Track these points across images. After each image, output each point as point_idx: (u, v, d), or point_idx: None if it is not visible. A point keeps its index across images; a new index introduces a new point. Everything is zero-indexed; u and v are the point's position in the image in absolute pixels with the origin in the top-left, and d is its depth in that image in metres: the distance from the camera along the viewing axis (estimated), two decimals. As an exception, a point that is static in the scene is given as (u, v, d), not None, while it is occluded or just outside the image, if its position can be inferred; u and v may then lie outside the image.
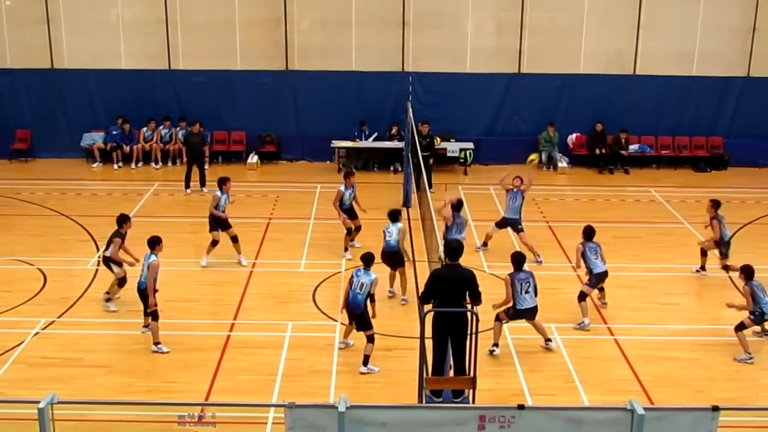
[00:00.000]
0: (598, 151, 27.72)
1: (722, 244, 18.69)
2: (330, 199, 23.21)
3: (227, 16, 27.47)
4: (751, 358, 15.17)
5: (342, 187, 19.94)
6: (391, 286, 17.66)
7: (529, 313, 15.22)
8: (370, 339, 14.67)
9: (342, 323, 15.79)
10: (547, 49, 27.91)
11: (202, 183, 24.48)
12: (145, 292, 15.17)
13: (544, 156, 27.88)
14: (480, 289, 12.36)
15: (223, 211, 18.81)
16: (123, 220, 17.02)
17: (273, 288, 17.95)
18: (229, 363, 14.82)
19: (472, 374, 11.96)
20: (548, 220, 22.62)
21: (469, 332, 12.04)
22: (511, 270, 15.17)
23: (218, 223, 18.74)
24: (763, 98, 28.11)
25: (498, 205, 23.49)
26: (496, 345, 15.29)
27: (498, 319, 15.29)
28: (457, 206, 18.14)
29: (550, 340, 15.48)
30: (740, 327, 15.32)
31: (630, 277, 18.82)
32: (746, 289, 15.33)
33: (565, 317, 16.56)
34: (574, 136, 28.35)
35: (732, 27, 27.96)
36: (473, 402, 11.92)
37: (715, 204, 18.83)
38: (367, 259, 14.96)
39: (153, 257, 15.30)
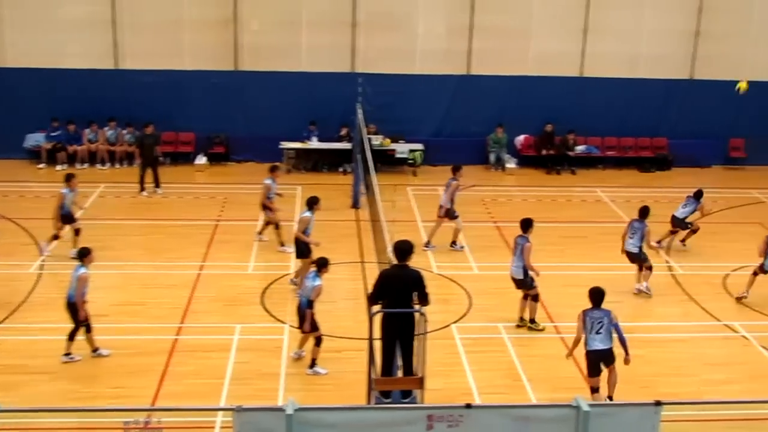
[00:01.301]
0: (545, 152, 27.99)
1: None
2: (280, 200, 23.22)
3: (176, 16, 27.24)
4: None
5: (269, 181, 20.09)
6: (296, 276, 17.73)
7: (603, 356, 13.53)
8: (317, 341, 14.66)
9: (292, 326, 15.76)
10: (497, 51, 28.09)
11: (157, 184, 24.29)
12: (74, 306, 14.73)
13: (492, 157, 28.07)
14: (428, 289, 12.41)
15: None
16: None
17: (221, 290, 17.85)
18: (177, 367, 14.71)
19: (420, 374, 12.02)
20: (496, 221, 22.78)
21: (417, 332, 12.10)
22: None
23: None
24: (706, 100, 28.62)
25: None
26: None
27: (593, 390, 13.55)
28: None
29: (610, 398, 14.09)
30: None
31: (576, 276, 18.98)
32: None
33: (513, 316, 16.67)
34: (522, 137, 28.59)
35: (676, 31, 28.44)
36: (422, 402, 11.97)
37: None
38: (319, 264, 14.95)
39: (83, 269, 14.83)
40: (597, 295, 13.71)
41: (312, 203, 17.63)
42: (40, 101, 27.22)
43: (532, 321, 16.48)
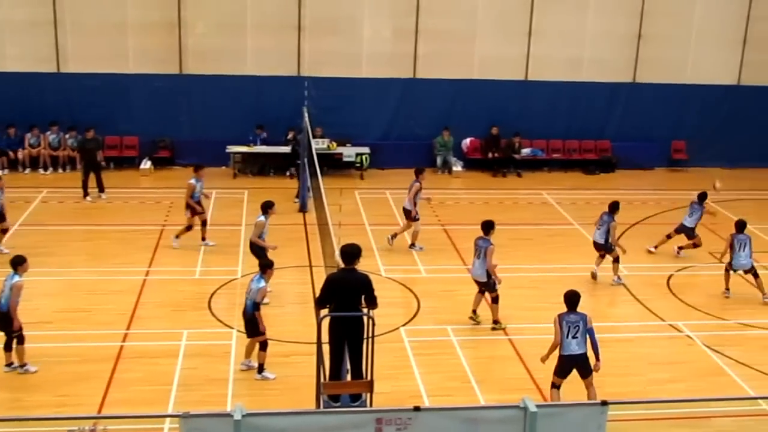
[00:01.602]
0: (491, 155, 28.18)
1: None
2: (227, 204, 23.17)
3: (119, 18, 26.91)
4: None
5: (193, 180, 20.24)
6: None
7: (578, 361, 13.49)
8: (262, 346, 14.59)
9: (240, 331, 15.67)
10: (442, 55, 28.23)
11: (101, 189, 24.03)
12: (7, 316, 14.30)
13: (439, 160, 28.19)
14: (376, 293, 12.42)
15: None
16: None
17: (168, 296, 17.68)
18: (123, 374, 14.54)
19: (369, 378, 12.03)
20: (443, 224, 22.87)
21: (365, 336, 12.11)
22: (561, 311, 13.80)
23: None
24: (648, 103, 29.09)
25: (394, 209, 23.71)
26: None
27: (554, 386, 13.63)
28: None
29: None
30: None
31: (524, 277, 19.16)
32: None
33: (462, 319, 16.78)
34: (468, 140, 28.75)
35: (619, 34, 28.81)
36: (371, 405, 11.98)
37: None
38: (263, 266, 14.88)
39: (17, 277, 14.41)
40: (573, 299, 13.64)
41: (266, 207, 17.63)
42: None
43: (495, 322, 16.60)
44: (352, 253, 12.53)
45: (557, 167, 28.97)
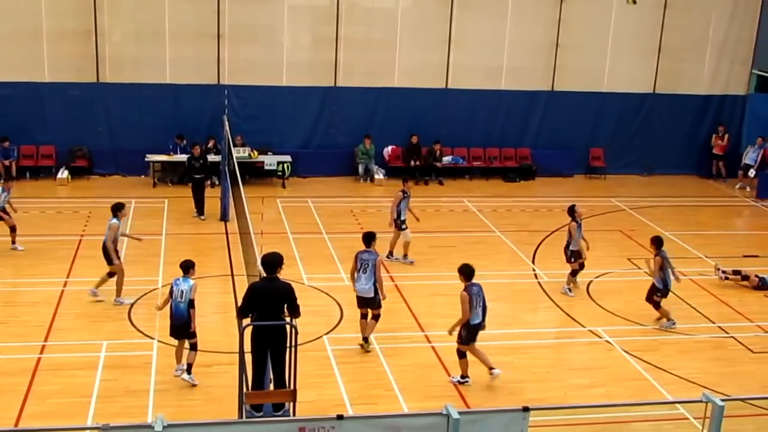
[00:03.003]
0: (413, 163, 28.34)
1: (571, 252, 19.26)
2: (147, 214, 22.94)
3: (34, 27, 26.37)
4: (674, 324, 17.41)
5: None
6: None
7: (480, 329, 14.94)
8: (194, 347, 14.51)
9: (161, 341, 15.50)
10: (363, 63, 28.32)
11: None
12: None
13: (361, 168, 28.25)
14: (298, 301, 12.40)
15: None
16: None
17: (86, 307, 17.38)
18: (41, 386, 14.26)
19: (292, 387, 11.99)
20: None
21: (288, 345, 12.06)
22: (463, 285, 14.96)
23: None
24: (566, 111, 29.56)
25: (317, 217, 23.71)
26: (466, 377, 15.07)
27: (463, 355, 14.91)
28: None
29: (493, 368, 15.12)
30: (657, 305, 17.41)
31: (446, 285, 19.23)
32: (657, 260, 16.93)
33: (385, 327, 16.68)
34: (390, 148, 28.87)
35: (537, 43, 29.23)
36: (294, 415, 11.94)
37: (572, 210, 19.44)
38: (186, 267, 14.75)
39: None
40: (470, 269, 14.94)
41: (116, 209, 17.55)
42: None
43: (365, 339, 16.09)
44: (273, 262, 12.50)
45: (478, 175, 29.26)
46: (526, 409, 9.69)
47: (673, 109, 30.24)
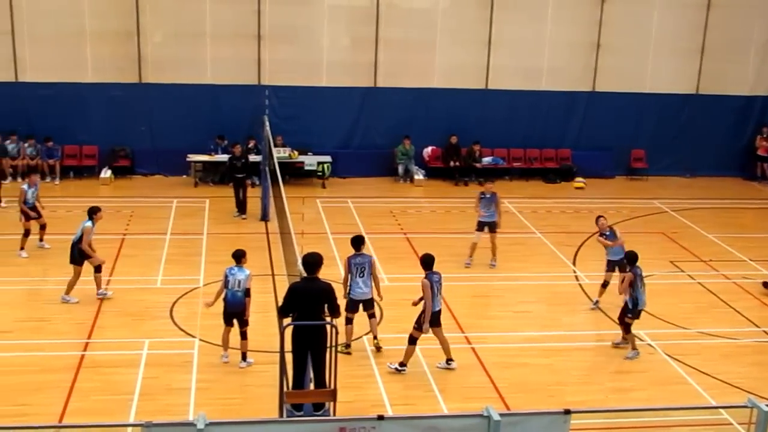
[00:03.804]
0: (452, 164, 28.29)
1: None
2: (188, 213, 23.09)
3: (77, 27, 26.68)
4: (638, 354, 16.05)
5: (25, 186, 20.37)
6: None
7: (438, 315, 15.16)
8: (244, 335, 14.87)
9: (203, 340, 15.61)
10: (402, 64, 28.31)
11: None
12: None
13: (400, 169, 28.25)
14: (338, 301, 12.42)
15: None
16: None
17: (128, 305, 17.53)
18: (84, 383, 14.40)
19: (332, 387, 12.01)
20: (406, 232, 22.90)
21: (328, 345, 12.09)
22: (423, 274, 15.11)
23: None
24: (606, 112, 29.32)
25: (356, 218, 23.75)
26: (404, 365, 15.19)
27: (414, 341, 15.09)
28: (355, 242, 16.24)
29: (451, 360, 15.40)
30: (628, 327, 16.09)
31: (485, 285, 19.25)
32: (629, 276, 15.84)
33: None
34: (429, 149, 28.83)
35: (577, 44, 29.04)
36: (334, 414, 11.96)
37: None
38: (238, 256, 14.99)
39: None
40: (429, 258, 15.25)
41: (91, 213, 17.73)
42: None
43: (348, 345, 15.69)
44: (314, 262, 12.53)
45: (518, 175, 29.13)
46: (567, 412, 9.63)
47: (716, 110, 29.84)
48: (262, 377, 14.57)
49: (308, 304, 12.30)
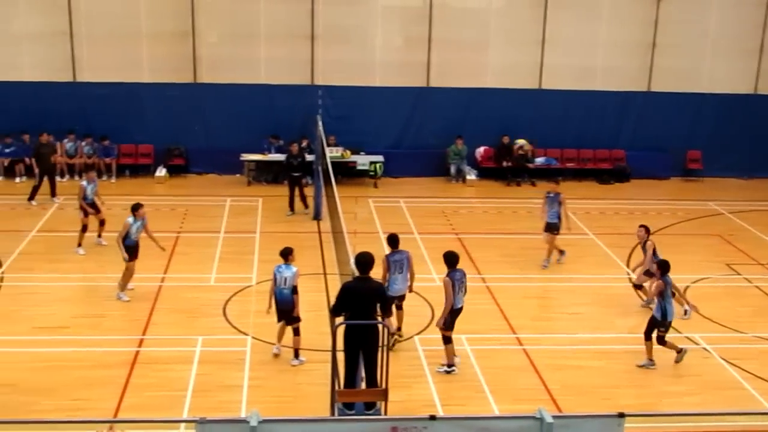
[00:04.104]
0: (505, 164, 28.17)
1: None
2: (241, 212, 23.29)
3: (133, 28, 27.06)
4: (652, 364, 15.54)
5: (84, 182, 20.74)
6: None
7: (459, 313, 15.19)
8: (297, 332, 14.99)
9: (255, 338, 15.72)
10: (455, 64, 28.25)
11: (53, 194, 24.35)
12: None
13: (453, 169, 28.20)
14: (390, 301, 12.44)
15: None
16: None
17: (182, 302, 17.73)
18: (138, 379, 14.60)
19: (383, 386, 12.02)
20: (457, 232, 22.86)
21: (380, 344, 12.11)
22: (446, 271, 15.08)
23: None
24: (662, 112, 28.97)
25: (408, 218, 23.75)
26: (452, 365, 15.25)
27: (449, 340, 15.14)
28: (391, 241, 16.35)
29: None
30: (662, 341, 15.51)
31: (537, 287, 19.14)
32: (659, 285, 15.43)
33: (476, 328, 16.75)
34: (482, 149, 28.74)
35: (632, 43, 28.75)
36: (385, 413, 11.97)
37: (647, 229, 18.43)
38: (284, 253, 15.14)
39: None
40: (452, 257, 15.15)
41: (133, 209, 17.88)
42: (-3, 113, 26.98)
43: (399, 329, 16.21)
44: (366, 261, 12.55)
45: (571, 176, 28.88)
46: (621, 415, 9.51)
47: (776, 110, 29.36)
48: (314, 376, 14.64)
49: (360, 303, 12.31)
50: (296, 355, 15.14)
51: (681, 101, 29.02)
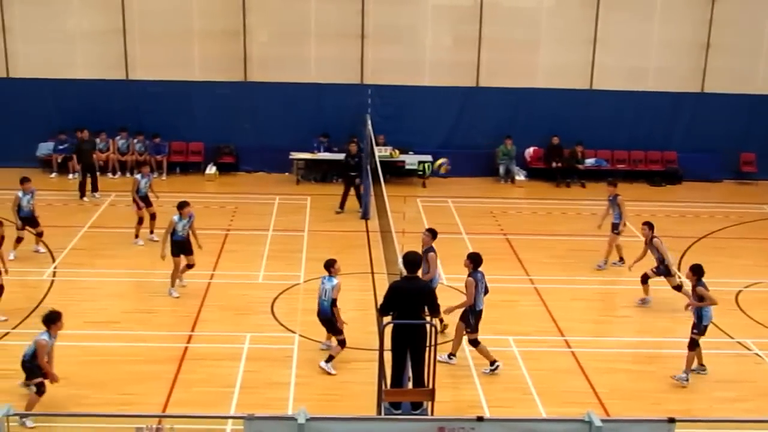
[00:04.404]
0: (554, 165, 27.98)
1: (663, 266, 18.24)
2: (290, 210, 23.40)
3: (185, 27, 27.37)
4: (687, 379, 15.03)
5: (138, 176, 21.17)
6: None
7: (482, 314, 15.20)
8: (340, 343, 14.95)
9: (302, 335, 15.84)
10: (505, 63, 28.15)
11: (94, 188, 24.67)
12: (31, 368, 13.31)
13: (501, 169, 28.08)
14: (438, 301, 12.39)
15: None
16: None
17: (231, 300, 17.85)
18: (187, 375, 14.72)
19: (430, 386, 12.00)
20: (506, 233, 22.75)
21: (427, 344, 12.08)
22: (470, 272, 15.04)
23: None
24: (716, 114, 28.57)
25: (457, 217, 23.70)
26: (493, 362, 15.22)
27: (477, 343, 15.11)
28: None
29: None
30: (693, 345, 15.17)
31: (586, 289, 18.98)
32: (701, 290, 15.10)
33: (523, 329, 16.68)
34: (531, 149, 28.59)
35: (686, 43, 28.41)
36: (432, 414, 11.95)
37: (651, 226, 18.43)
38: (326, 266, 15.11)
39: (44, 336, 13.18)
40: (479, 258, 15.10)
41: (179, 207, 17.99)
42: (52, 111, 27.43)
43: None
44: (414, 261, 12.54)
45: (622, 178, 28.48)
46: (671, 420, 9.41)
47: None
48: (361, 374, 14.65)
49: (408, 302, 12.30)
50: (327, 360, 14.94)
51: (735, 102, 28.59)
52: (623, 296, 18.94)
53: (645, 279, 18.27)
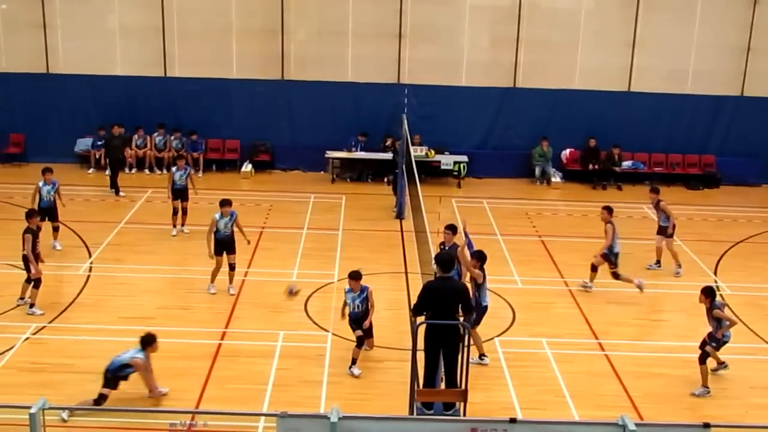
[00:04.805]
0: (591, 167, 27.81)
1: (612, 254, 18.57)
2: (325, 209, 23.45)
3: (224, 25, 27.53)
4: (708, 392, 14.78)
5: (174, 169, 21.63)
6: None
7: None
8: (359, 343, 14.89)
9: (335, 334, 15.87)
10: (542, 64, 28.02)
11: (112, 185, 24.87)
12: (111, 378, 13.59)
13: (537, 171, 27.97)
14: (472, 302, 12.36)
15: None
16: (30, 214, 17.09)
17: (265, 297, 17.91)
18: (220, 372, 14.80)
19: (463, 387, 11.97)
20: (540, 235, 22.65)
21: (461, 345, 12.06)
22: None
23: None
24: (756, 118, 28.26)
25: (491, 218, 23.63)
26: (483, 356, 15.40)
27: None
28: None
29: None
30: (704, 358, 14.97)
31: (621, 293, 18.82)
32: (718, 313, 15.01)
33: (557, 332, 16.61)
34: (567, 151, 28.43)
35: (726, 46, 28.11)
36: (464, 415, 11.92)
37: (610, 210, 18.78)
38: (354, 276, 15.06)
39: (140, 355, 13.64)
40: (484, 256, 15.26)
41: (221, 205, 18.06)
42: (90, 107, 27.72)
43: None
44: (449, 261, 12.49)
45: (659, 181, 28.25)
46: (706, 426, 9.31)
47: None
48: (393, 374, 14.65)
49: (442, 303, 12.25)
50: (351, 364, 14.93)
51: (776, 106, 28.26)
52: (658, 300, 18.80)
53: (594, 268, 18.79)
